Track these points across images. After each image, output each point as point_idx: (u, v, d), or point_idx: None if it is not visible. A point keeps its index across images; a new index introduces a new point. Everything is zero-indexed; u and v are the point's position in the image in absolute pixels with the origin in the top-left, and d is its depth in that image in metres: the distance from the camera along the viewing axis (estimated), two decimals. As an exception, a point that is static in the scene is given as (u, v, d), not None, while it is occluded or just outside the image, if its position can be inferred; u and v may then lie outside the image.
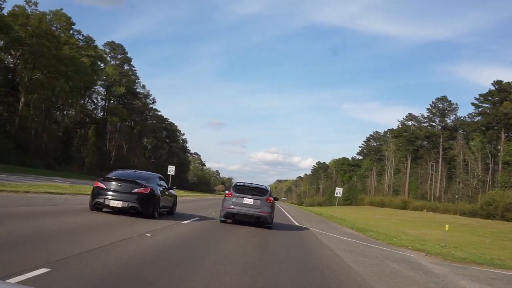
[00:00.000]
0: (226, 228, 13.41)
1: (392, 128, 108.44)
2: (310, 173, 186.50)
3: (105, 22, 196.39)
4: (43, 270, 4.94)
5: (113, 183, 12.29)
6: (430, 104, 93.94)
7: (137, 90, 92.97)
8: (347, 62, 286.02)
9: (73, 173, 62.04)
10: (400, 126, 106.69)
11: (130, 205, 12.04)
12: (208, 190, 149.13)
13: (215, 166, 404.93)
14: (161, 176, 14.88)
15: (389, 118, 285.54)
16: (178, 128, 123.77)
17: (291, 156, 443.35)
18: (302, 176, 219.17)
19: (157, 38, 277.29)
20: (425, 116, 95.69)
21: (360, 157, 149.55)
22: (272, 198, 15.00)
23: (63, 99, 68.30)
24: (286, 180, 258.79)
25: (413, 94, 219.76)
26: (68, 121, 71.99)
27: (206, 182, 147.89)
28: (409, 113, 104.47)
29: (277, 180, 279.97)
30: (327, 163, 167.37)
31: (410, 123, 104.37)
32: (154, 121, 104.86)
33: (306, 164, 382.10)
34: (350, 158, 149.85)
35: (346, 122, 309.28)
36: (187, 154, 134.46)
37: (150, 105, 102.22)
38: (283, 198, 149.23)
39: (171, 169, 33.14)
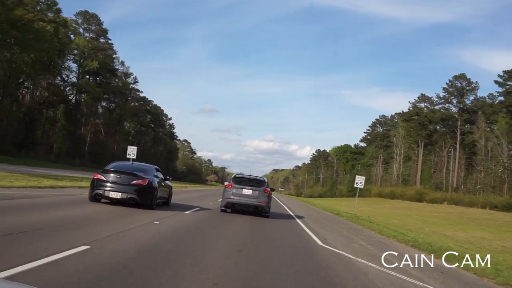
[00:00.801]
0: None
1: (402, 111, 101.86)
2: (309, 162, 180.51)
3: (86, 2, 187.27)
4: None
5: (112, 175, 13.13)
6: (446, 83, 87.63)
7: (115, 67, 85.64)
8: (346, 45, 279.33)
9: (38, 161, 55.26)
10: (411, 108, 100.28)
11: (129, 196, 12.92)
12: (198, 181, 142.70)
13: (208, 155, 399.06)
14: (158, 167, 15.78)
15: (391, 105, 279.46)
16: (164, 112, 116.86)
17: (288, 145, 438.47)
18: (300, 165, 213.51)
19: (144, 20, 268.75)
20: (441, 96, 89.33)
21: (364, 144, 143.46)
22: (269, 189, 16.70)
23: (25, 74, 61.17)
24: (282, 170, 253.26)
25: (417, 79, 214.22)
26: (31, 100, 64.80)
27: (197, 172, 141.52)
28: (421, 94, 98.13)
29: (273, 170, 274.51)
30: (327, 151, 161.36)
31: (422, 105, 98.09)
32: (136, 103, 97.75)
33: (303, 153, 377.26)
34: (352, 146, 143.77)
35: (346, 109, 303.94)
36: (175, 141, 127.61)
37: (132, 85, 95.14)
38: (280, 189, 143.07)
39: (132, 151, 26.13)
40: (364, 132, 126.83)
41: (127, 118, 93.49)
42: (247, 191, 16.19)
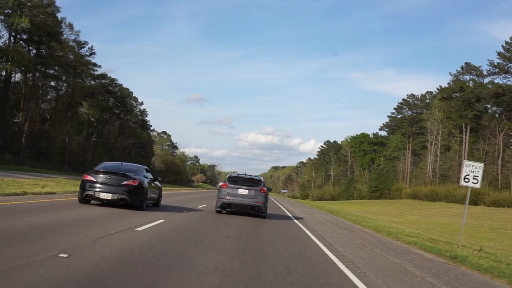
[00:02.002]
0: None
1: (440, 87, 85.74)
2: (316, 157, 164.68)
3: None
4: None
5: (102, 175, 14.17)
6: (502, 46, 71.38)
7: (60, 31, 69.12)
8: (355, 22, 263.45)
9: None
10: (452, 82, 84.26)
11: (120, 197, 13.99)
12: (181, 182, 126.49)
13: (196, 152, 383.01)
14: (147, 168, 17.15)
15: (407, 90, 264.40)
16: (134, 95, 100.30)
17: (290, 138, 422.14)
18: (304, 161, 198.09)
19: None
20: (495, 64, 73.11)
21: (384, 133, 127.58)
22: (265, 189, 17.73)
23: None
24: (284, 167, 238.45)
25: (438, 59, 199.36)
26: None
27: (178, 171, 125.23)
28: (465, 63, 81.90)
29: (272, 167, 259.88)
30: (339, 142, 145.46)
31: (467, 77, 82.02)
32: (93, 81, 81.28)
33: (308, 147, 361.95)
34: (371, 135, 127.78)
35: (356, 95, 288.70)
36: (149, 132, 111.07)
37: (88, 58, 78.71)
38: (282, 191, 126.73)
39: None
40: (388, 116, 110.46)
41: (80, 100, 76.97)
42: (243, 191, 17.22)
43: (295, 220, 21.13)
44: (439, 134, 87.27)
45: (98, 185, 13.93)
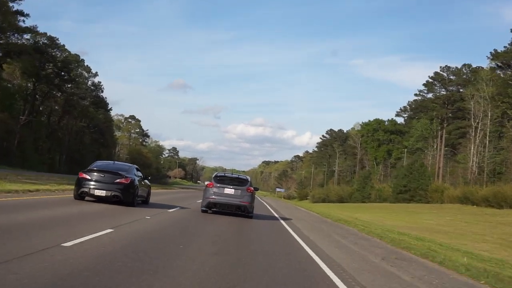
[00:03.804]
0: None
1: (495, 51, 67.71)
2: (316, 149, 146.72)
3: None
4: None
5: (96, 174, 16.10)
6: None
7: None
8: (356, 0, 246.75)
9: None
10: (506, 49, 66.53)
11: (113, 194, 15.85)
12: (152, 178, 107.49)
13: (178, 144, 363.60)
14: (137, 167, 19.13)
15: (415, 77, 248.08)
16: (85, 63, 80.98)
17: (282, 130, 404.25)
18: (301, 155, 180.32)
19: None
20: None
21: (400, 120, 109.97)
22: (252, 188, 18.31)
23: None
24: (276, 162, 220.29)
25: (447, 44, 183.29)
26: None
27: (147, 164, 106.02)
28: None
29: (263, 162, 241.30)
30: (344, 131, 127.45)
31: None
32: (20, 37, 62.15)
33: (302, 140, 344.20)
34: (386, 121, 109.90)
35: (357, 83, 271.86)
36: (107, 112, 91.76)
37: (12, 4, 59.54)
38: (277, 190, 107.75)
39: None
40: (416, 95, 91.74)
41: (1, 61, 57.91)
42: (229, 191, 17.64)
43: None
44: (487, 117, 69.64)
45: (92, 183, 15.78)
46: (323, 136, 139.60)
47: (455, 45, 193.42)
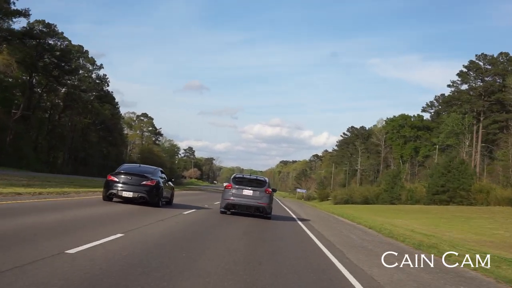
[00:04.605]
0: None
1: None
2: (336, 148, 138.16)
3: None
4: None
5: (123, 176, 16.61)
6: None
7: None
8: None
9: None
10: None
11: (139, 195, 16.38)
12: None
13: (196, 145, 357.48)
14: (162, 169, 19.68)
15: (433, 78, 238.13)
16: (90, 56, 73.79)
17: (299, 130, 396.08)
18: (320, 154, 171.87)
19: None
20: None
21: (427, 116, 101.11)
22: (270, 189, 18.05)
23: None
24: (294, 162, 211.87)
25: (469, 43, 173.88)
26: None
27: (158, 163, 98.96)
28: None
29: (281, 162, 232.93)
30: (367, 128, 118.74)
31: None
32: (10, 20, 55.14)
33: (319, 141, 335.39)
34: (412, 117, 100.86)
35: (374, 83, 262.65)
36: (114, 106, 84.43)
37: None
38: (298, 190, 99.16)
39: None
40: (449, 86, 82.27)
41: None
42: (247, 192, 17.52)
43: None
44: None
45: (120, 185, 16.38)
46: (343, 133, 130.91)
47: (474, 44, 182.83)
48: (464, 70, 77.03)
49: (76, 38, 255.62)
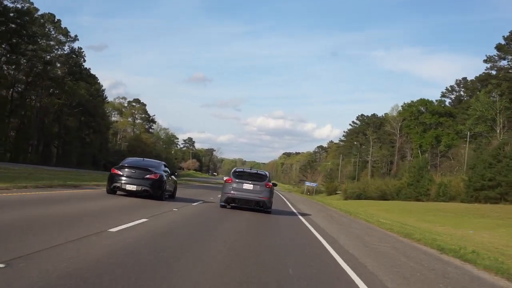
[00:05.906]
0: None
1: None
2: (343, 138, 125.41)
3: None
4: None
5: (127, 170, 16.30)
6: None
7: None
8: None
9: None
10: None
11: (143, 188, 16.04)
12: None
13: (199, 137, 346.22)
14: (165, 163, 19.31)
15: (436, 71, 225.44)
16: (63, 26, 60.88)
17: (303, 123, 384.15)
18: (325, 145, 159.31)
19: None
20: None
21: (447, 100, 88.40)
22: (271, 184, 17.42)
23: None
24: (297, 154, 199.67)
25: (474, 35, 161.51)
26: None
27: (147, 152, 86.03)
28: None
29: (284, 154, 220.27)
30: (378, 115, 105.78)
31: None
32: None
33: (323, 133, 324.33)
34: (434, 102, 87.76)
35: (377, 75, 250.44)
36: (99, 89, 71.42)
37: None
38: (308, 184, 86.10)
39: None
40: (485, 61, 68.68)
41: None
42: (248, 186, 16.91)
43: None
44: None
45: (124, 178, 16.02)
46: (353, 122, 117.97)
47: (478, 36, 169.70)
48: (502, 43, 63.78)
49: (80, 30, 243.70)
